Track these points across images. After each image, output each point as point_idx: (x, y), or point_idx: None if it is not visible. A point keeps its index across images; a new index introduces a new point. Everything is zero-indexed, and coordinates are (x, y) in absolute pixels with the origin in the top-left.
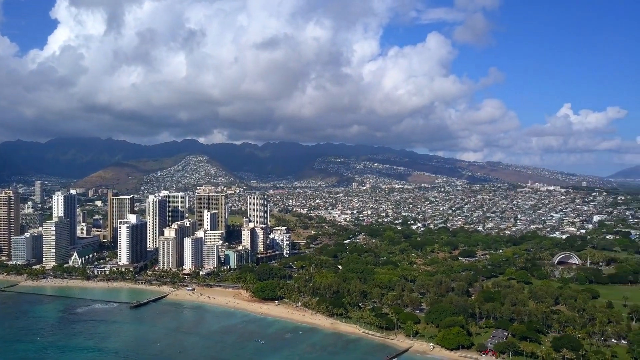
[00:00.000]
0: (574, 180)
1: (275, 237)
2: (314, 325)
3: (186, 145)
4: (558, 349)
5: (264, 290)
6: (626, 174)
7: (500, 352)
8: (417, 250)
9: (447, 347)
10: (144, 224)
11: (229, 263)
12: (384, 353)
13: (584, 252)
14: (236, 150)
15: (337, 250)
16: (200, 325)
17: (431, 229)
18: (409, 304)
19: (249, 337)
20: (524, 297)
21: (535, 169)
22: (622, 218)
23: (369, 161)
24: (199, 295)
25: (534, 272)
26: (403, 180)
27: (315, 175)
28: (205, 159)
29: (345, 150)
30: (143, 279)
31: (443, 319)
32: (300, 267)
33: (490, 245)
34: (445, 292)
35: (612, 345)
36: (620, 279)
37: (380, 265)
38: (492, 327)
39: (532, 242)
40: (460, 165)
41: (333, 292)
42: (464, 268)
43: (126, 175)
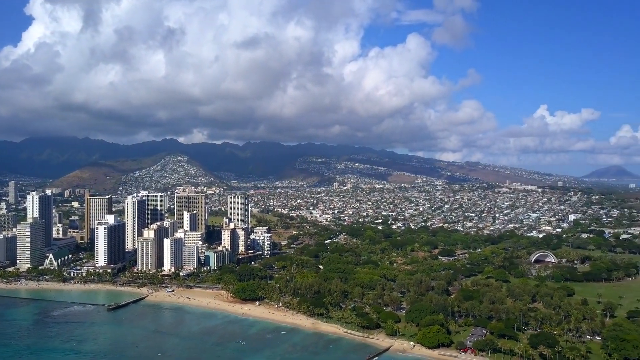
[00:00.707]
0: (550, 180)
1: (256, 238)
2: (295, 326)
3: (165, 145)
4: (535, 345)
5: (244, 291)
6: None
7: (479, 349)
8: (398, 249)
9: (427, 345)
10: (122, 225)
11: (209, 264)
12: (365, 352)
13: (559, 250)
14: (216, 150)
15: (318, 250)
16: (180, 327)
17: (411, 229)
18: (390, 303)
19: (230, 338)
20: (502, 295)
21: (513, 169)
22: (596, 217)
23: (350, 161)
24: (178, 296)
25: (512, 270)
26: (384, 180)
27: (296, 175)
28: (185, 159)
29: (327, 150)
30: (121, 281)
31: (423, 317)
32: (281, 268)
33: (469, 244)
34: (425, 291)
35: (587, 341)
36: (594, 276)
37: (361, 265)
38: (471, 325)
39: (509, 241)
40: (440, 165)
41: (314, 292)
42: (443, 267)
43: (104, 175)
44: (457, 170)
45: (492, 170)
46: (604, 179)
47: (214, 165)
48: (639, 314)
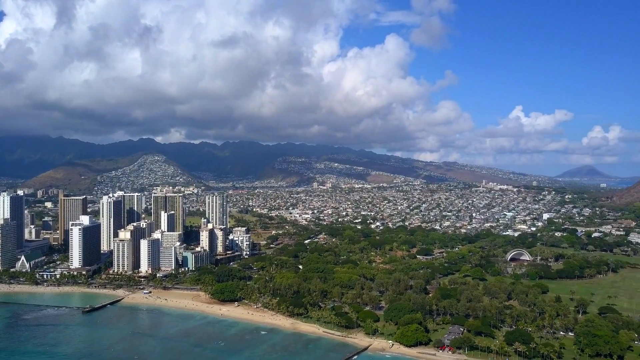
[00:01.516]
0: (525, 179)
1: (234, 238)
2: (275, 326)
3: (142, 145)
4: (511, 342)
5: (223, 292)
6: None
7: (457, 347)
8: (377, 249)
9: (405, 344)
10: (97, 226)
11: (187, 265)
12: (344, 352)
13: (534, 249)
14: (194, 150)
15: (297, 250)
16: (157, 329)
17: (390, 228)
18: (369, 303)
19: (208, 340)
20: (478, 294)
21: (489, 169)
22: (569, 216)
23: (329, 161)
24: (155, 298)
25: (488, 269)
26: (363, 180)
27: (275, 175)
28: (163, 159)
29: (306, 150)
30: (97, 283)
31: (401, 316)
32: (260, 268)
33: (446, 243)
34: (403, 290)
35: (560, 337)
36: (567, 274)
37: (341, 265)
38: (448, 323)
39: (486, 239)
40: (418, 165)
41: (293, 292)
42: (421, 266)
43: (78, 175)
44: (435, 170)
45: (469, 170)
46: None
47: (192, 165)
48: (609, 310)
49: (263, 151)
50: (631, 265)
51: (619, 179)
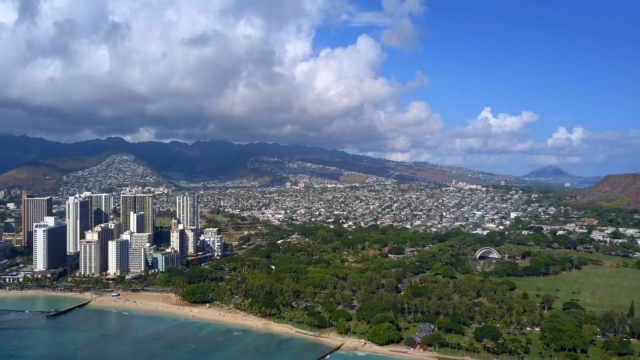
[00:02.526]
0: (493, 179)
1: (206, 239)
2: (247, 327)
3: (111, 144)
4: (480, 339)
5: (194, 293)
6: (538, 173)
7: (428, 344)
8: (349, 248)
9: (377, 342)
10: (63, 227)
11: (157, 266)
12: (317, 351)
13: (502, 247)
14: (164, 149)
15: (270, 250)
16: (126, 332)
17: (362, 227)
18: (341, 302)
19: (179, 342)
20: (449, 291)
21: (459, 169)
22: (535, 214)
23: (302, 161)
24: (124, 300)
25: (458, 267)
26: (335, 179)
27: (248, 175)
28: (132, 158)
29: (279, 150)
30: (62, 286)
31: (374, 315)
32: (232, 269)
33: (417, 242)
34: (375, 289)
35: (527, 333)
36: (534, 271)
37: (313, 264)
38: (420, 321)
39: (456, 238)
40: (389, 165)
41: (266, 293)
42: (393, 265)
43: (43, 175)
44: (406, 170)
45: (439, 170)
46: (542, 178)
47: (162, 164)
48: (573, 306)
49: (235, 151)
50: (593, 262)
51: (582, 179)
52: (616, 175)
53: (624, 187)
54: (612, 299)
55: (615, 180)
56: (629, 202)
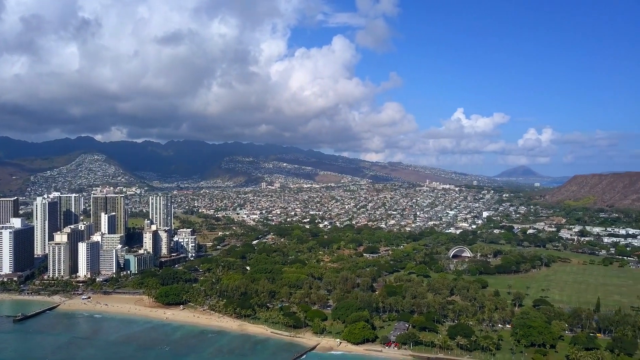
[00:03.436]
0: (466, 179)
1: (179, 240)
2: (221, 328)
3: (81, 143)
4: (453, 336)
5: (167, 295)
6: (509, 173)
7: (402, 343)
8: (325, 248)
9: (353, 341)
10: (30, 229)
11: (129, 268)
12: (292, 352)
13: (475, 245)
14: (137, 149)
15: (245, 251)
16: (97, 336)
17: (337, 227)
18: (317, 302)
19: (152, 345)
20: (423, 290)
21: (432, 169)
22: (507, 214)
23: (277, 161)
24: (95, 303)
25: (432, 265)
26: (311, 179)
27: (222, 174)
28: (103, 158)
29: (254, 150)
30: (29, 290)
31: (349, 314)
32: (206, 270)
33: (392, 241)
34: (351, 288)
35: (498, 329)
36: (505, 269)
37: (289, 265)
38: (394, 319)
39: (430, 237)
40: (364, 165)
41: (241, 294)
42: (368, 264)
43: (9, 175)
44: (380, 170)
45: (413, 170)
46: (513, 178)
47: (135, 164)
48: (543, 303)
49: (209, 150)
50: (562, 260)
51: (550, 179)
52: (583, 175)
53: (590, 187)
54: (580, 295)
55: (582, 180)
56: (595, 201)
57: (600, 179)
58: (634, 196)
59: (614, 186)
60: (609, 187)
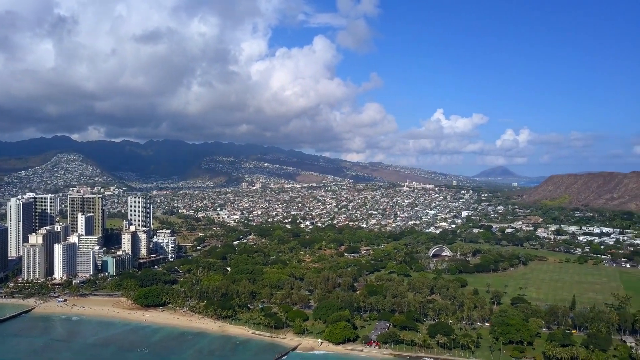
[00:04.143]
0: (446, 179)
1: (159, 241)
2: (202, 330)
3: (57, 142)
4: (433, 335)
5: (146, 297)
6: (488, 173)
7: (383, 342)
8: (306, 248)
9: (334, 341)
10: (4, 230)
11: (107, 270)
12: (274, 352)
13: (454, 245)
14: (115, 149)
15: (225, 251)
16: (74, 339)
17: (319, 227)
18: (298, 302)
19: (130, 347)
20: (403, 289)
21: (412, 169)
22: (485, 213)
23: (258, 161)
24: (72, 306)
25: (412, 265)
26: (292, 180)
27: (202, 175)
28: (80, 158)
29: (235, 150)
30: (3, 292)
31: (330, 314)
32: (186, 271)
33: (373, 241)
34: (332, 288)
35: (477, 327)
36: (484, 267)
37: (270, 265)
38: (375, 319)
39: (410, 237)
40: (345, 165)
41: (221, 295)
42: (349, 264)
43: None
44: (361, 170)
45: (394, 170)
46: (491, 178)
47: (113, 164)
48: (520, 300)
49: (189, 150)
50: (539, 258)
51: (528, 179)
52: (559, 175)
53: (566, 187)
54: (556, 293)
55: (559, 180)
56: (571, 201)
57: (575, 179)
58: (608, 196)
59: (588, 186)
60: (583, 187)
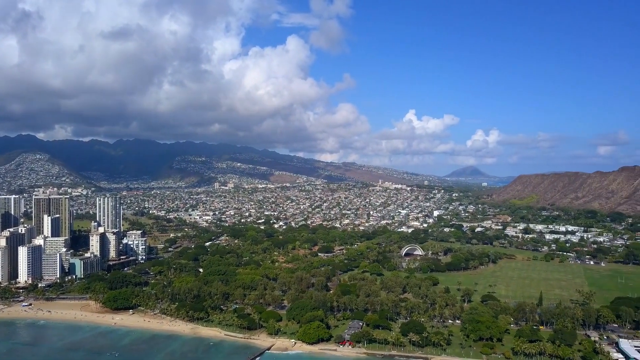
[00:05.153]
0: (417, 179)
1: (129, 242)
2: (173, 332)
3: (21, 142)
4: (405, 333)
5: (116, 300)
6: (458, 173)
7: (356, 341)
8: (280, 248)
9: (307, 341)
10: None
11: (74, 273)
12: (247, 353)
13: (426, 244)
14: (83, 148)
15: (197, 253)
16: (40, 344)
17: (292, 227)
18: (271, 303)
19: (100, 351)
20: (376, 288)
21: (385, 169)
22: (456, 212)
23: (231, 161)
24: (37, 310)
25: (385, 264)
26: (266, 180)
27: (174, 175)
28: (46, 157)
29: (207, 150)
30: None
31: (304, 314)
32: (157, 273)
33: (346, 240)
34: (305, 288)
35: (449, 325)
36: (455, 266)
37: (243, 266)
38: (349, 318)
39: (383, 236)
40: (319, 165)
41: (193, 296)
42: (322, 263)
43: None
44: (335, 170)
45: (367, 171)
46: (462, 178)
47: (81, 164)
48: (490, 298)
49: (160, 150)
50: (507, 256)
51: (497, 179)
52: (527, 175)
53: (533, 186)
54: (524, 290)
55: (526, 180)
56: (538, 200)
57: (542, 178)
58: (573, 195)
59: (554, 185)
60: (550, 187)
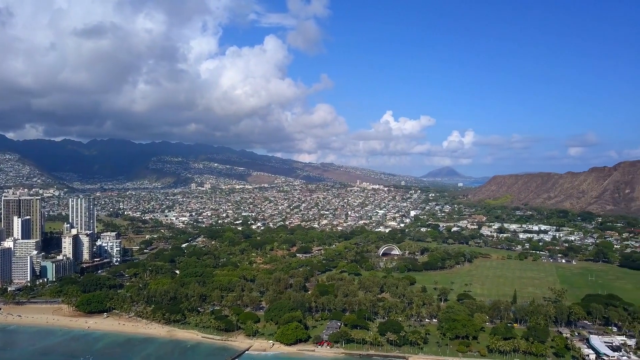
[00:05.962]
0: (395, 179)
1: (103, 244)
2: (149, 335)
3: None
4: (383, 333)
5: (89, 303)
6: (435, 174)
7: (334, 341)
8: (257, 249)
9: (285, 342)
10: None
11: (46, 276)
12: (224, 355)
13: (403, 243)
14: (55, 148)
15: (174, 254)
16: (10, 349)
17: (271, 228)
18: (249, 304)
19: (73, 356)
20: (354, 288)
21: (363, 169)
22: (433, 212)
23: (208, 161)
24: (6, 315)
25: (363, 264)
26: (243, 180)
27: (149, 175)
28: (16, 157)
29: (183, 150)
30: None
31: (282, 315)
32: (133, 275)
33: (324, 241)
34: (283, 289)
35: (426, 324)
36: (431, 265)
37: (220, 267)
38: (327, 319)
39: (360, 236)
40: (297, 166)
41: (170, 299)
42: (301, 264)
43: None
44: (313, 171)
45: (344, 171)
46: (438, 178)
47: (53, 164)
48: (466, 297)
49: (135, 150)
50: (483, 256)
51: (472, 179)
52: (501, 176)
53: (508, 187)
54: (499, 288)
55: (501, 180)
56: (512, 200)
57: (516, 179)
58: (545, 195)
59: (528, 186)
60: (524, 187)
